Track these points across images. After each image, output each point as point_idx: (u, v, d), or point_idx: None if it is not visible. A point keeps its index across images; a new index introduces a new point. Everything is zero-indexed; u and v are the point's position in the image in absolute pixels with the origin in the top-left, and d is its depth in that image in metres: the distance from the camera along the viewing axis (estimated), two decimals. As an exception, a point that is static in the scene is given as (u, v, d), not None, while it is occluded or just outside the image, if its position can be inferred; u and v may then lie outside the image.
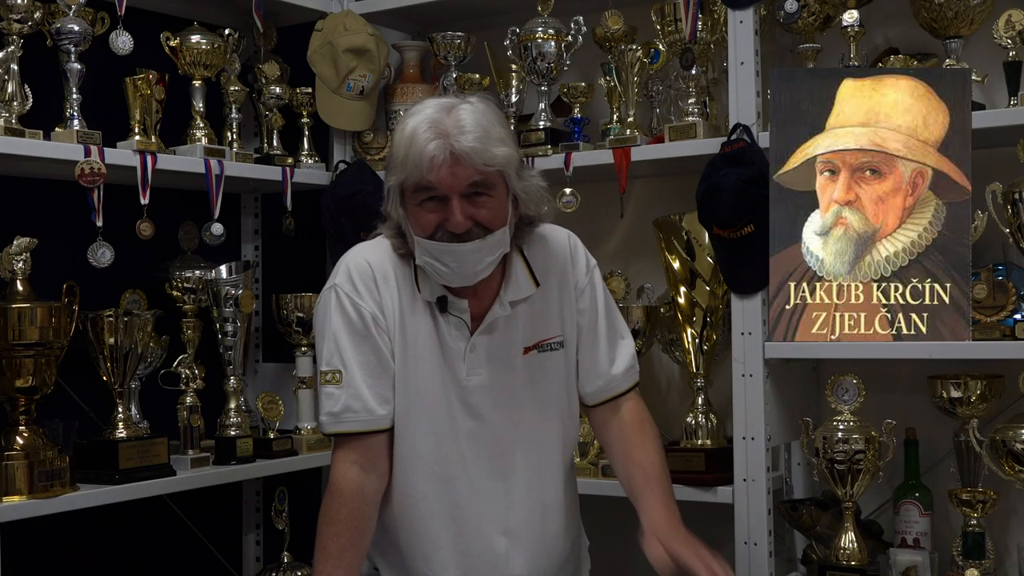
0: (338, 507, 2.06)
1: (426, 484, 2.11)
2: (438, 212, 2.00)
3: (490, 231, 2.01)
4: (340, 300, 2.10)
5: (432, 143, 1.95)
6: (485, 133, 1.97)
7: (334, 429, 2.10)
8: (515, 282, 2.12)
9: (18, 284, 2.44)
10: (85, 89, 2.62)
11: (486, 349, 2.11)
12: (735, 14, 2.61)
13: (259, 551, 3.31)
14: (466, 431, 2.11)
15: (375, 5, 3.18)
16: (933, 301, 2.43)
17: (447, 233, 1.99)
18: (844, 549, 2.53)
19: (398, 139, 2.02)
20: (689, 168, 2.72)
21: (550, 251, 2.18)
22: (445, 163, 1.95)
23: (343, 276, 2.12)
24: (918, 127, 2.45)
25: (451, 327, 2.10)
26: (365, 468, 2.08)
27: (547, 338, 2.15)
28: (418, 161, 1.96)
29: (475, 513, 2.12)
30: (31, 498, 2.38)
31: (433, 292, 2.09)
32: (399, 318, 2.09)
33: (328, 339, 2.10)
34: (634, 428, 2.21)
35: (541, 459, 2.16)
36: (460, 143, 1.95)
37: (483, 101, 2.05)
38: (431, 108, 2.01)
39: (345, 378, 2.08)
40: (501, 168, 2.00)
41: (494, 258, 2.05)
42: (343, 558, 2.04)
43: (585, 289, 2.20)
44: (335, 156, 3.21)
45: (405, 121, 2.02)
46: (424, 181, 1.97)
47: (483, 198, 2.00)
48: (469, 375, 2.10)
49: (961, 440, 2.51)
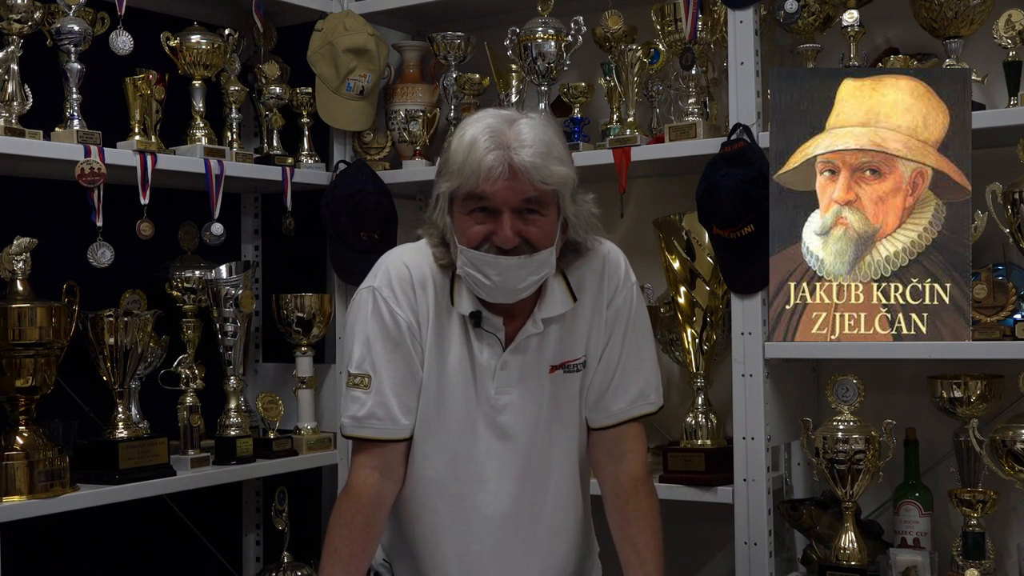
0: (355, 511, 2.04)
1: (437, 499, 2.09)
2: (487, 224, 1.96)
3: (536, 250, 1.97)
4: (377, 304, 2.05)
5: (492, 153, 1.91)
6: (546, 150, 1.94)
7: (355, 433, 2.08)
8: (551, 299, 2.07)
9: (18, 284, 2.44)
10: (85, 89, 2.62)
11: (518, 368, 2.07)
12: (735, 14, 2.61)
13: (259, 551, 3.31)
14: (488, 450, 2.08)
15: (375, 5, 3.18)
16: (933, 301, 2.43)
17: (493, 247, 1.96)
18: (844, 549, 2.53)
19: (455, 146, 1.96)
20: (689, 168, 2.72)
21: (587, 266, 2.12)
22: (503, 175, 1.91)
23: (383, 279, 2.07)
24: (918, 127, 2.45)
25: (483, 343, 2.06)
26: (384, 474, 2.06)
27: (572, 359, 2.11)
28: (475, 170, 1.92)
29: (486, 534, 2.09)
30: (31, 498, 2.38)
31: (468, 306, 2.05)
32: (432, 328, 2.06)
33: (361, 342, 2.07)
34: (630, 496, 2.12)
35: (562, 479, 2.13)
36: (520, 156, 1.91)
37: (545, 117, 2.03)
38: (493, 118, 1.97)
39: (374, 384, 2.05)
40: (557, 187, 1.96)
41: (538, 278, 2.00)
42: (353, 563, 2.03)
43: (616, 308, 2.12)
44: (335, 156, 3.21)
45: (464, 129, 1.97)
46: (478, 190, 1.93)
47: (534, 216, 1.96)
48: (498, 393, 2.07)
49: (961, 440, 2.51)
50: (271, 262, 3.36)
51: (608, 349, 2.13)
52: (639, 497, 2.12)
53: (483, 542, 2.09)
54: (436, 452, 2.08)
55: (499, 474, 2.08)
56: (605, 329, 2.12)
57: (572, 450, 2.14)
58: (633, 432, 2.16)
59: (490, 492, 2.08)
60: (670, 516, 2.17)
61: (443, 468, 2.08)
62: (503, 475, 2.08)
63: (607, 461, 2.15)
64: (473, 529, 2.09)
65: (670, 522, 2.16)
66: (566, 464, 2.14)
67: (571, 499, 2.15)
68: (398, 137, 3.25)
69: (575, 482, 2.16)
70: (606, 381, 2.13)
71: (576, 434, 2.15)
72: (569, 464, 2.14)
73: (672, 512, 2.54)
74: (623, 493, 2.12)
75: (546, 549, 2.13)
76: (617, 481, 2.13)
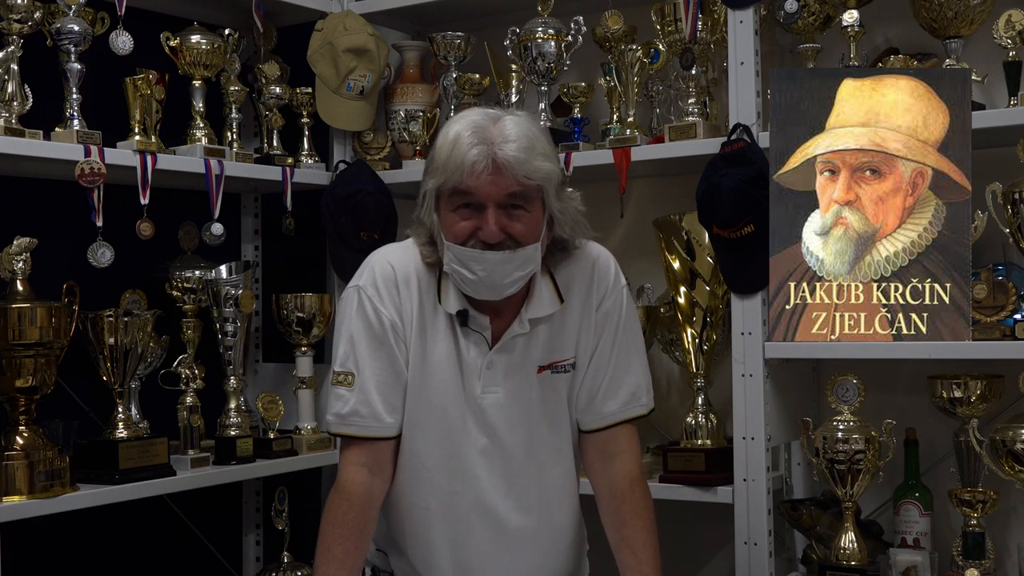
0: (346, 509, 2.05)
1: (429, 497, 2.10)
2: (472, 220, 1.97)
3: (521, 245, 1.98)
4: (362, 303, 2.07)
5: (475, 149, 1.93)
6: (530, 145, 1.95)
7: (339, 430, 2.09)
8: (538, 299, 2.08)
9: (18, 284, 2.44)
10: (85, 89, 2.62)
11: (503, 367, 2.08)
12: (735, 14, 2.62)
13: (259, 551, 3.31)
14: (479, 448, 2.08)
15: (375, 5, 3.18)
16: (933, 301, 2.43)
17: (479, 242, 1.97)
18: (844, 549, 2.53)
19: (440, 143, 1.98)
20: (689, 168, 2.72)
21: (576, 267, 2.13)
22: (486, 170, 1.93)
23: (368, 278, 2.09)
24: (918, 127, 2.45)
25: (470, 342, 2.07)
26: (373, 471, 2.07)
27: (561, 360, 2.11)
28: (459, 166, 1.93)
29: (479, 531, 2.09)
30: (31, 498, 2.38)
31: (455, 305, 2.06)
32: (417, 326, 2.07)
33: (345, 339, 2.09)
34: (626, 496, 2.11)
35: (552, 478, 2.14)
36: (504, 151, 1.93)
37: (529, 117, 2.04)
38: (477, 115, 1.99)
39: (357, 382, 2.06)
40: (541, 182, 1.97)
41: (523, 274, 2.01)
42: (347, 560, 2.03)
43: (605, 311, 2.13)
44: (335, 156, 3.21)
45: (449, 126, 1.99)
46: (463, 186, 1.95)
47: (519, 211, 1.98)
48: (484, 392, 2.07)
49: (961, 440, 2.51)
50: (271, 262, 3.36)
51: (598, 352, 2.13)
52: (634, 497, 2.12)
53: (476, 539, 2.10)
54: (427, 449, 2.09)
55: (489, 472, 2.09)
56: (595, 331, 2.13)
57: (562, 450, 2.15)
58: (626, 433, 2.16)
59: (481, 489, 2.09)
60: (670, 516, 2.17)
61: (434, 465, 2.09)
62: (492, 472, 2.09)
63: (600, 463, 2.15)
64: (465, 526, 2.10)
65: (670, 522, 2.17)
66: (557, 463, 2.14)
67: (563, 497, 2.16)
68: (398, 137, 3.25)
69: (566, 481, 2.16)
70: (596, 384, 2.13)
71: (567, 434, 2.16)
72: (560, 463, 2.15)
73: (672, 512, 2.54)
74: (618, 494, 2.12)
75: (538, 547, 2.13)
76: (611, 482, 2.13)
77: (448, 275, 2.04)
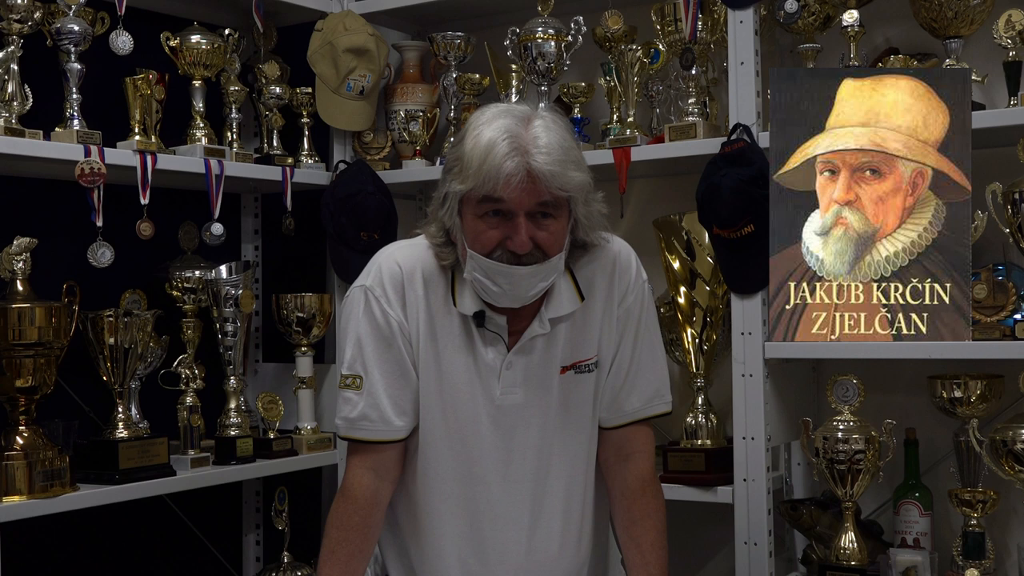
0: (351, 512, 2.03)
1: (442, 503, 2.07)
2: (500, 228, 1.92)
3: (547, 256, 1.95)
4: (369, 304, 2.03)
5: (511, 160, 1.87)
6: (564, 155, 1.91)
7: (349, 435, 2.07)
8: (558, 298, 2.04)
9: (18, 284, 2.44)
10: (85, 89, 2.62)
11: (523, 368, 2.04)
12: (735, 14, 2.62)
13: (259, 551, 3.31)
14: (495, 453, 2.05)
15: (375, 5, 3.18)
16: (933, 301, 2.43)
17: (507, 253, 1.93)
18: (844, 549, 2.53)
19: (471, 147, 1.91)
20: (689, 168, 2.72)
21: (597, 264, 2.09)
22: (521, 181, 1.87)
23: (374, 278, 2.05)
24: (918, 127, 2.45)
25: (487, 343, 2.04)
26: (379, 474, 2.05)
27: (584, 359, 2.08)
28: (494, 174, 1.87)
29: (494, 539, 2.07)
30: (31, 498, 2.38)
31: (471, 306, 2.02)
32: (426, 328, 2.03)
33: (353, 342, 2.05)
34: (638, 496, 2.11)
35: (572, 484, 2.11)
36: (538, 162, 1.88)
37: (556, 115, 1.99)
38: (508, 118, 1.92)
39: (365, 385, 2.03)
40: (574, 193, 1.94)
41: (547, 284, 1.98)
42: (351, 563, 2.03)
43: (627, 307, 2.11)
44: (335, 156, 3.21)
45: (479, 129, 1.93)
46: (495, 194, 1.89)
47: (548, 220, 1.94)
48: (504, 394, 2.04)
49: (961, 440, 2.51)
50: (271, 262, 3.36)
51: (621, 349, 2.11)
52: (646, 498, 2.11)
53: (490, 544, 2.08)
54: (441, 453, 2.06)
55: (504, 476, 2.06)
56: (617, 328, 2.10)
57: (580, 454, 2.12)
58: (643, 433, 2.15)
59: (495, 494, 2.07)
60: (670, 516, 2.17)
61: (448, 469, 2.06)
62: (508, 477, 2.06)
63: (615, 461, 2.14)
64: (478, 531, 2.07)
65: (670, 522, 2.16)
66: (575, 468, 2.11)
67: (580, 504, 2.13)
68: (398, 137, 3.25)
69: (584, 487, 2.13)
70: (619, 381, 2.11)
71: (587, 438, 2.12)
72: (578, 468, 2.12)
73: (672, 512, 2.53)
74: (630, 493, 2.11)
75: (555, 553, 2.10)
76: (625, 481, 2.12)
77: (465, 278, 2.00)
